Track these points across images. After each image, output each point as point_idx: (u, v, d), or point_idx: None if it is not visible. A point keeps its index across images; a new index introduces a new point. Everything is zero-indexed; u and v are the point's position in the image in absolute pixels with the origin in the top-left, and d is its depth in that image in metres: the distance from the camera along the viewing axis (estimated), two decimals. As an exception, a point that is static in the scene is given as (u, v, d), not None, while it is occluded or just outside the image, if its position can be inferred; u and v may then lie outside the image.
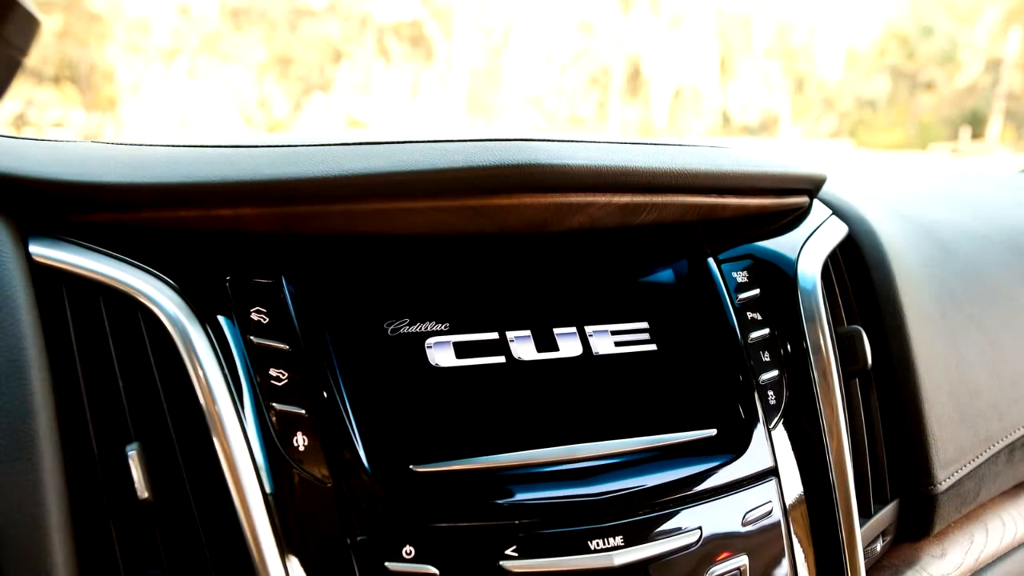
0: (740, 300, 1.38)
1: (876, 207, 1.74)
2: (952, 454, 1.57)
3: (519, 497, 1.14)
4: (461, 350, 1.19)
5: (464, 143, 1.19)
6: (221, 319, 1.11)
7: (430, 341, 1.18)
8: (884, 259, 1.59)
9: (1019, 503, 1.86)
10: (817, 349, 1.37)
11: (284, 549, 1.04)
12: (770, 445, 1.31)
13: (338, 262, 1.20)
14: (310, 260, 1.19)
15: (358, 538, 1.08)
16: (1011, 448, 1.71)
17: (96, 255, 1.09)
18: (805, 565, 1.30)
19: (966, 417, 1.62)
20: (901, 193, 2.08)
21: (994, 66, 37.37)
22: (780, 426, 1.33)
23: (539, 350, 1.23)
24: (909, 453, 1.54)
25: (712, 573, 1.21)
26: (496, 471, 1.15)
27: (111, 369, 1.07)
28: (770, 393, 1.34)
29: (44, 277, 1.07)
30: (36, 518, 0.96)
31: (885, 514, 1.52)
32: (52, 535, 0.96)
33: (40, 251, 1.07)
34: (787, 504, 1.31)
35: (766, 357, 1.36)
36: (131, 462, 1.03)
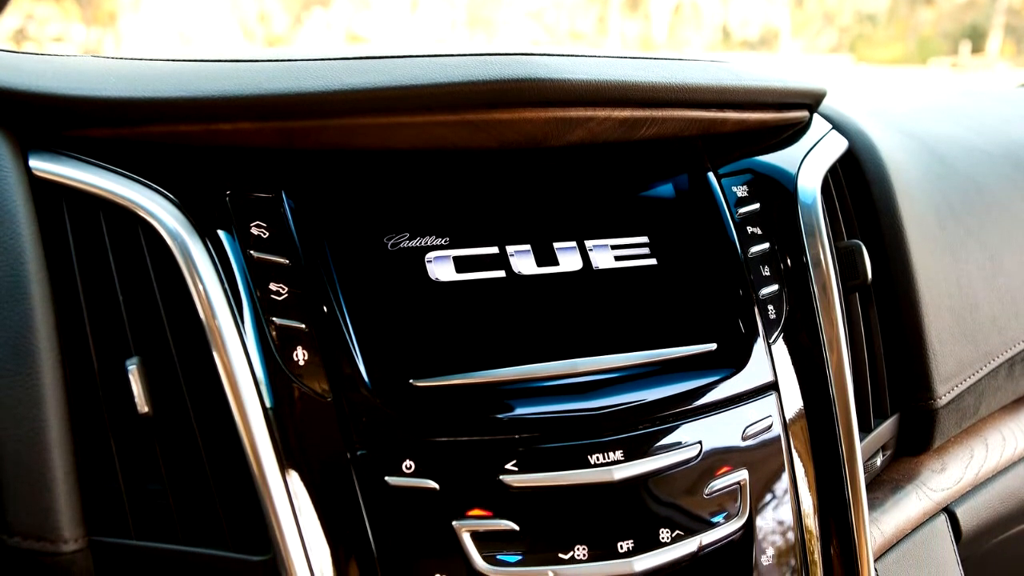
0: (740, 215, 1.38)
1: (876, 122, 1.73)
2: (952, 368, 1.58)
3: (519, 412, 1.14)
4: (461, 264, 1.19)
5: (464, 58, 1.18)
6: (221, 233, 1.10)
7: (430, 255, 1.18)
8: (884, 174, 1.58)
9: (1019, 418, 1.87)
10: (817, 263, 1.37)
11: (284, 464, 1.05)
12: (770, 359, 1.31)
13: (338, 176, 1.20)
14: (310, 174, 1.18)
15: (358, 452, 1.08)
16: (1011, 362, 1.72)
17: (96, 169, 1.08)
18: (805, 479, 1.31)
19: (966, 331, 1.62)
20: (901, 108, 2.07)
21: (994, -20, 37.19)
22: (780, 340, 1.33)
23: (539, 264, 1.23)
24: (909, 367, 1.55)
25: (712, 487, 1.21)
26: (496, 385, 1.15)
27: (111, 284, 1.07)
28: (770, 307, 1.34)
29: (44, 191, 1.07)
30: (36, 432, 0.96)
31: (885, 428, 1.52)
32: (52, 449, 0.97)
33: (40, 165, 1.07)
34: (787, 418, 1.31)
35: (766, 271, 1.36)
36: (131, 377, 1.03)
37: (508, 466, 1.11)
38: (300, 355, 1.09)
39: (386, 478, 1.08)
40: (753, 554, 1.24)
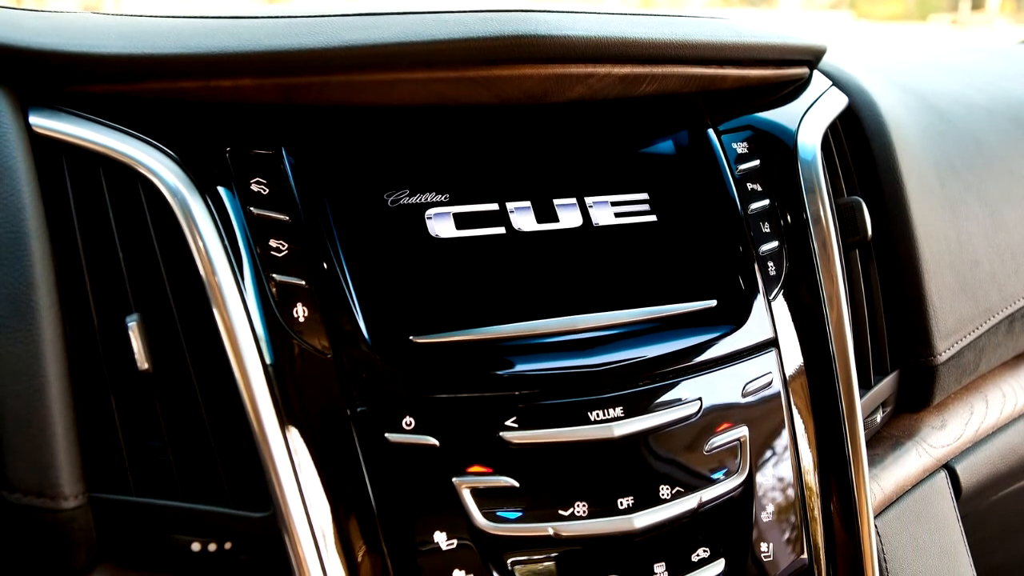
0: (740, 171, 1.37)
1: (876, 78, 1.72)
2: (952, 325, 1.58)
3: (519, 368, 1.14)
4: (461, 221, 1.19)
5: (464, 14, 1.18)
6: (221, 190, 1.10)
7: (430, 212, 1.18)
8: (884, 130, 1.58)
9: (1019, 374, 1.87)
10: (817, 220, 1.37)
11: (284, 420, 1.04)
12: (770, 316, 1.31)
13: (338, 133, 1.19)
14: (310, 131, 1.18)
15: (358, 409, 1.08)
16: (1011, 319, 1.72)
17: (96, 126, 1.08)
18: (805, 436, 1.31)
19: (966, 288, 1.62)
20: (901, 64, 2.06)
21: (995, -65, 36.97)
22: (780, 297, 1.33)
23: (539, 221, 1.22)
24: (909, 324, 1.55)
25: (712, 444, 1.21)
26: (496, 342, 1.15)
27: (111, 240, 1.06)
28: (770, 264, 1.34)
29: (44, 148, 1.06)
30: (36, 389, 0.96)
31: (885, 385, 1.52)
32: (52, 406, 0.97)
33: (40, 122, 1.06)
34: (787, 375, 1.31)
35: (766, 228, 1.35)
36: (131, 333, 1.03)
37: (508, 423, 1.11)
38: (300, 311, 1.08)
39: (386, 435, 1.08)
40: (753, 510, 1.25)
